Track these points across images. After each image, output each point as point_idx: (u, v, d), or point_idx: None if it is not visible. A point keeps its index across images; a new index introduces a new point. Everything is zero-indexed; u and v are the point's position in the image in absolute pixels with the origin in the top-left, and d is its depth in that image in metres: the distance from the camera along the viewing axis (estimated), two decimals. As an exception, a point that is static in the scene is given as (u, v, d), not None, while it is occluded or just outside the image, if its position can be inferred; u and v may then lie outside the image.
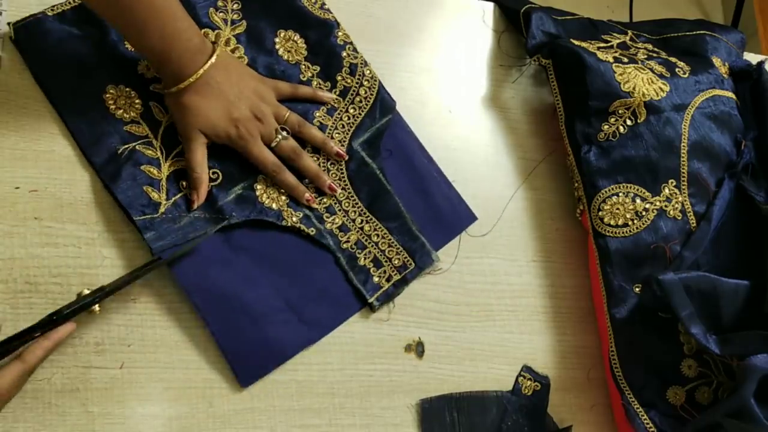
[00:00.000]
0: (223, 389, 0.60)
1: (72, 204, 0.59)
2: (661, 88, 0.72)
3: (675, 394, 0.68)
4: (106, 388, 0.56)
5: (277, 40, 0.68)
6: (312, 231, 0.64)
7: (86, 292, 0.55)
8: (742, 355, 0.64)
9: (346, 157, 0.66)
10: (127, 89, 0.62)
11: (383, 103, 0.70)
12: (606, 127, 0.71)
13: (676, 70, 0.75)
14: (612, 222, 0.70)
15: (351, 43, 0.70)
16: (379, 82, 0.70)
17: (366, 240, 0.66)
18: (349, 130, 0.68)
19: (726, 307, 0.66)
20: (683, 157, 0.72)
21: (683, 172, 0.72)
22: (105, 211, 0.60)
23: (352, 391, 0.63)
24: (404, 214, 0.67)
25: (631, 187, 0.71)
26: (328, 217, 0.65)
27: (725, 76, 0.78)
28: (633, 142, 0.71)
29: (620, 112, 0.71)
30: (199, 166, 0.60)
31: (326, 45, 0.69)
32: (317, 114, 0.67)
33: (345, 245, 0.65)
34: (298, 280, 0.63)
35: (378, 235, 0.66)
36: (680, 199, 0.71)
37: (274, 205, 0.63)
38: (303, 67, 0.68)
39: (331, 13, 0.70)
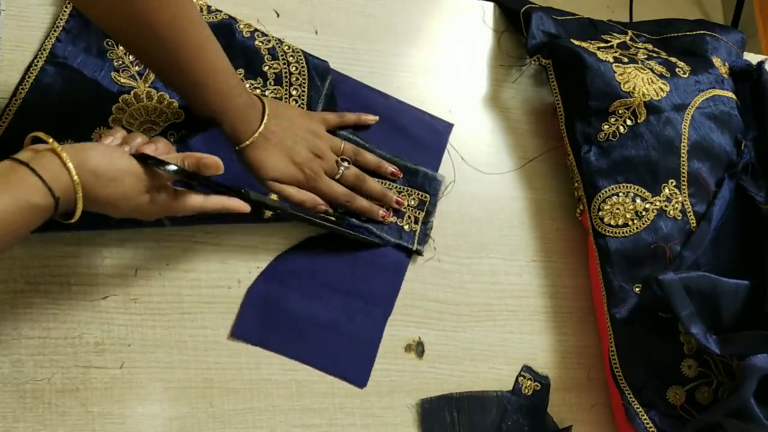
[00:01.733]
0: (223, 389, 0.60)
1: (72, 204, 0.59)
2: (661, 88, 0.72)
3: (675, 394, 0.68)
4: (106, 388, 0.56)
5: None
6: (332, 225, 0.65)
7: (275, 198, 0.61)
8: (742, 355, 0.64)
9: (401, 175, 0.69)
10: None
11: (317, 69, 0.69)
12: (606, 127, 0.71)
13: (676, 70, 0.75)
14: (612, 222, 0.70)
15: (256, 29, 0.68)
16: (302, 51, 0.69)
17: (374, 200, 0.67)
18: (302, 107, 0.68)
19: (726, 307, 0.66)
20: (683, 157, 0.72)
21: (683, 172, 0.72)
22: (105, 211, 0.60)
23: (352, 391, 0.63)
24: (392, 158, 0.69)
25: (631, 187, 0.71)
26: None
27: (725, 76, 0.78)
28: (633, 142, 0.71)
29: (620, 112, 0.71)
30: (303, 194, 0.63)
31: (235, 45, 0.68)
32: None
33: (360, 219, 0.66)
34: (344, 271, 0.65)
35: None
36: (680, 199, 0.71)
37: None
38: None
39: (221, 12, 0.68)
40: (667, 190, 0.71)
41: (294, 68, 0.69)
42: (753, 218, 0.73)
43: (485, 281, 0.71)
